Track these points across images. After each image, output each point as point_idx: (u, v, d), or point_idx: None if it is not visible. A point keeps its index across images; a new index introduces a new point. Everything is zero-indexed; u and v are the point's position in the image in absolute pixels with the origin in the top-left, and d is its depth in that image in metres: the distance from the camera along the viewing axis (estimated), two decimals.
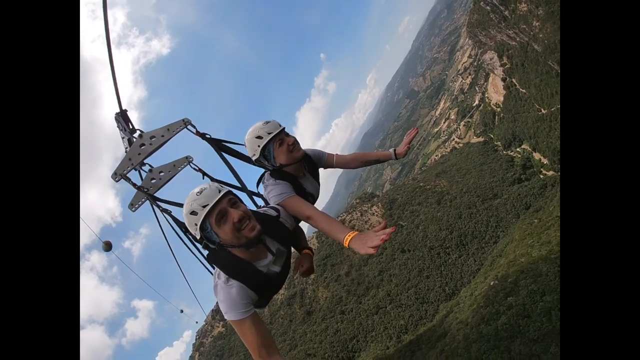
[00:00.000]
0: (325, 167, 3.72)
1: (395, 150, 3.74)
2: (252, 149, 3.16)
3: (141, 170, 3.79)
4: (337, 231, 2.51)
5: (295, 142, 3.15)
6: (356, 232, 2.33)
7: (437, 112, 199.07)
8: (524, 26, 75.93)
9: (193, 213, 2.30)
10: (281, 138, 3.09)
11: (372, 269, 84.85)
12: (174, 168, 3.93)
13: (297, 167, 3.23)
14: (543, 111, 79.03)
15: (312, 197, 3.43)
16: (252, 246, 2.43)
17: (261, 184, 3.30)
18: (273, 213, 2.83)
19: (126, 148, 3.70)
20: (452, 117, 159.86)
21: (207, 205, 2.28)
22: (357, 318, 76.13)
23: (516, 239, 57.48)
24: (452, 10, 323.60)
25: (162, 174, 3.88)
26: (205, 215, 2.29)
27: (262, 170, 3.34)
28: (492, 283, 41.63)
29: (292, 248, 3.19)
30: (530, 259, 41.83)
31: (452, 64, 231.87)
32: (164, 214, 3.50)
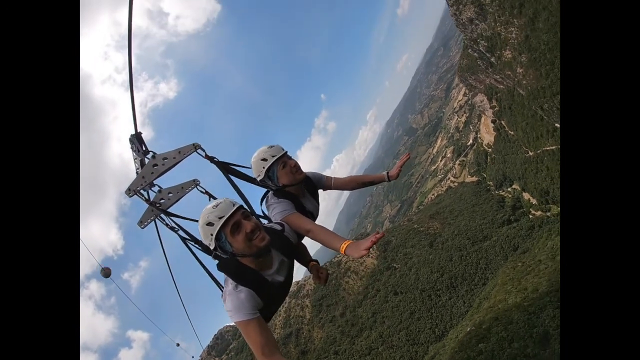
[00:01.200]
0: (324, 189, 3.90)
1: (388, 172, 3.90)
2: (257, 170, 3.35)
3: (150, 191, 4.04)
4: (335, 241, 2.68)
5: (297, 165, 3.35)
6: (351, 241, 2.50)
7: (434, 150, 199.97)
8: (509, 72, 77.30)
9: (209, 224, 2.44)
10: (284, 161, 3.30)
11: (366, 311, 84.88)
12: (181, 190, 4.18)
13: (297, 188, 3.43)
14: (530, 153, 79.73)
15: (311, 215, 3.59)
16: (262, 255, 2.57)
17: (264, 202, 3.48)
18: (278, 227, 2.99)
19: (137, 169, 3.87)
20: (448, 155, 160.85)
21: (223, 216, 2.43)
22: (350, 359, 75.42)
23: (499, 283, 58.34)
24: (448, 48, 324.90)
25: (170, 194, 4.15)
26: (221, 226, 2.43)
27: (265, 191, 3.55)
28: (468, 329, 42.72)
29: (297, 262, 3.44)
30: (505, 306, 43.16)
31: (448, 101, 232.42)
32: (172, 231, 3.82)
